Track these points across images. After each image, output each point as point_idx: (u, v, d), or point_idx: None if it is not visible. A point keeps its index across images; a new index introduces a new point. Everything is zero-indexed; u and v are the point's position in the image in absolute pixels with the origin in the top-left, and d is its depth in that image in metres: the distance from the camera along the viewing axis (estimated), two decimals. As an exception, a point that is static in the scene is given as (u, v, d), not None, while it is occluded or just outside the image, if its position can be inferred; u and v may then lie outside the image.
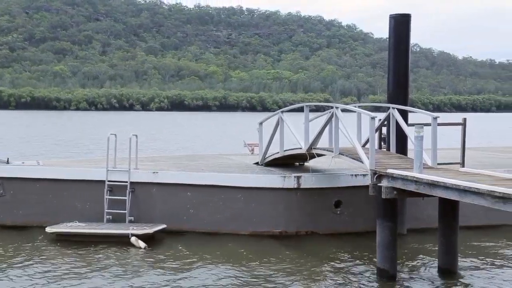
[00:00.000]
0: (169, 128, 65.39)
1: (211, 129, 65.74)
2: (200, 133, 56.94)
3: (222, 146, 38.87)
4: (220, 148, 35.55)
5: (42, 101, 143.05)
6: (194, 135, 52.64)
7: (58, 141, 42.76)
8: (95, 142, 41.15)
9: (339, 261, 11.47)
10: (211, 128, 66.84)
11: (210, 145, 40.04)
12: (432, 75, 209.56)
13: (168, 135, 52.84)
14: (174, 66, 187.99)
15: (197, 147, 38.62)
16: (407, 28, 13.81)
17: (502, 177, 9.81)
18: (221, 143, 42.19)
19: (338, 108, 12.40)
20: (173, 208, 13.72)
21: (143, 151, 29.13)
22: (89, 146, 38.29)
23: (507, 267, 11.19)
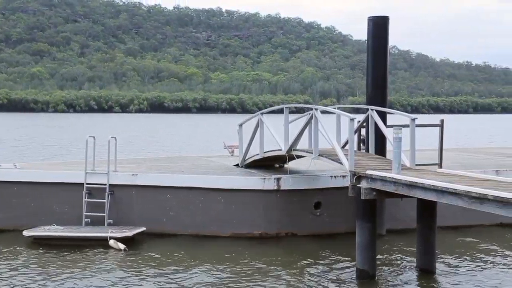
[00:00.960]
0: (149, 130, 65.03)
1: (191, 131, 65.54)
2: (180, 135, 56.73)
3: (202, 148, 38.78)
4: (200, 150, 35.47)
5: (19, 103, 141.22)
6: (174, 137, 52.43)
7: (35, 144, 42.25)
8: (73, 144, 40.76)
9: (319, 262, 11.51)
10: (191, 130, 66.62)
11: (190, 147, 39.92)
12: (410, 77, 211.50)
13: (147, 137, 52.54)
14: (154, 67, 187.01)
15: (177, 149, 38.49)
16: (385, 30, 13.93)
17: (479, 178, 9.95)
18: (201, 145, 42.09)
19: (318, 110, 12.45)
20: (153, 211, 13.64)
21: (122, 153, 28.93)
22: (67, 149, 37.90)
23: (484, 266, 11.34)
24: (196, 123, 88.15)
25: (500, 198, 7.86)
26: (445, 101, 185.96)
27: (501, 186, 8.83)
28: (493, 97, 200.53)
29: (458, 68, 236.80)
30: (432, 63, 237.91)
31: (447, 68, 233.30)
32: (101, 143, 15.68)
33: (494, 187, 8.64)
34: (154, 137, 52.73)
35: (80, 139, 35.37)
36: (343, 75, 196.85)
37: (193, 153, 30.73)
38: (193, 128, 73.14)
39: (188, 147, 39.84)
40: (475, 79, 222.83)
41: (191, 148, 39.10)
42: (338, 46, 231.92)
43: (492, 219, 14.15)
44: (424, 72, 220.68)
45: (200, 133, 60.87)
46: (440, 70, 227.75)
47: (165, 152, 34.06)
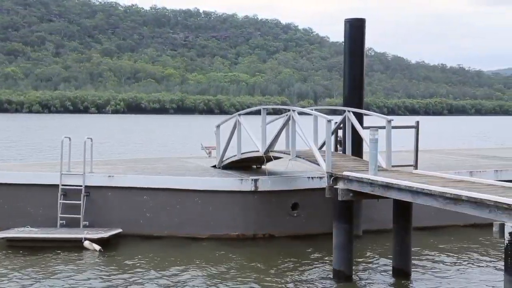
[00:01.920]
0: (126, 131, 64.54)
1: (168, 132, 65.22)
2: (157, 136, 56.41)
3: (179, 149, 38.63)
4: (177, 151, 35.33)
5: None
6: (151, 138, 52.12)
7: (9, 145, 41.62)
8: (48, 145, 40.24)
9: (296, 263, 11.54)
10: (168, 131, 66.30)
11: (167, 148, 39.72)
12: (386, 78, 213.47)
13: (124, 138, 52.14)
14: (130, 68, 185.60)
15: (154, 150, 38.26)
16: (361, 32, 14.04)
17: (453, 179, 10.09)
18: (178, 146, 41.92)
19: (295, 111, 12.49)
20: (130, 212, 13.55)
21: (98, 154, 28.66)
22: (42, 150, 37.42)
23: (458, 267, 11.49)
24: (173, 124, 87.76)
25: (474, 199, 7.98)
26: (420, 103, 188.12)
27: (474, 187, 8.96)
28: (467, 99, 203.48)
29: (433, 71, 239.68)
30: (407, 66, 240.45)
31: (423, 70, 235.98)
32: (77, 144, 15.51)
33: (468, 188, 8.76)
34: (130, 138, 52.34)
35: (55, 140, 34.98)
36: (320, 77, 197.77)
37: (170, 154, 30.58)
38: (170, 129, 72.79)
39: (165, 148, 39.64)
40: (450, 81, 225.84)
41: (168, 149, 38.91)
42: (316, 47, 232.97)
43: (466, 220, 14.35)
44: (400, 74, 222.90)
45: (177, 134, 60.61)
46: (416, 72, 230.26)
47: (141, 153, 33.84)
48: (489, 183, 9.43)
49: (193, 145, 38.80)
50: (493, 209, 7.67)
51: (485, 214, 7.85)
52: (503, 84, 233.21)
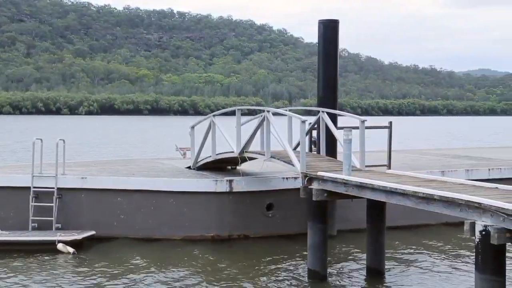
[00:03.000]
0: (99, 133, 63.88)
1: (142, 133, 64.76)
2: (131, 137, 55.97)
3: (153, 150, 38.39)
4: (151, 153, 35.11)
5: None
6: (125, 140, 51.68)
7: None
8: (20, 147, 39.61)
9: (271, 264, 11.57)
10: (142, 132, 65.82)
11: (141, 150, 39.45)
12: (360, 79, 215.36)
13: (98, 139, 51.61)
14: (104, 69, 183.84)
15: (128, 151, 37.95)
16: (335, 33, 14.13)
17: (426, 179, 10.22)
18: (152, 148, 41.65)
19: (270, 112, 12.51)
20: (103, 214, 13.41)
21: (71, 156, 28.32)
22: (13, 152, 36.81)
23: (431, 266, 11.64)
24: (147, 125, 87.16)
25: (445, 198, 8.09)
26: (393, 104, 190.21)
27: (446, 186, 9.08)
28: (439, 99, 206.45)
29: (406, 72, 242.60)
30: (381, 66, 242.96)
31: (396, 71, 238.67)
32: (49, 146, 15.30)
33: (440, 187, 8.88)
34: (104, 139, 51.83)
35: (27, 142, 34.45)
36: (295, 78, 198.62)
37: (144, 155, 30.38)
38: (144, 130, 72.29)
39: (139, 150, 39.35)
40: (422, 82, 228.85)
41: (142, 150, 38.64)
42: (290, 48, 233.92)
43: (438, 219, 14.54)
44: (373, 75, 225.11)
45: (151, 135, 60.22)
46: (389, 73, 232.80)
47: (115, 155, 33.54)
48: (460, 183, 9.57)
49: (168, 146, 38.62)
50: (464, 208, 7.78)
51: (457, 213, 7.96)
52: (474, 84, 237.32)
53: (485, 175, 15.32)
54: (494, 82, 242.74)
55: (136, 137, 56.41)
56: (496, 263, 7.33)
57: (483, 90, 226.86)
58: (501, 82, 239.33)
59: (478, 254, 7.41)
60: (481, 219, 7.48)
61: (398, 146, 27.17)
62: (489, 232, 7.22)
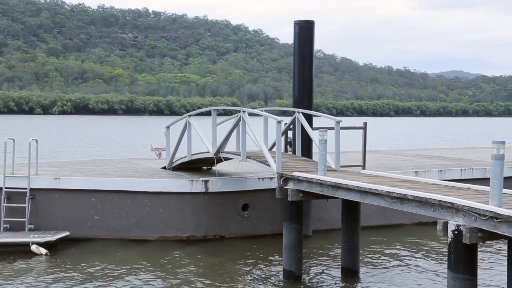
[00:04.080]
0: (73, 133, 63.15)
1: (117, 133, 64.20)
2: (106, 137, 55.45)
3: (128, 150, 38.08)
4: (126, 153, 34.82)
5: None
6: (99, 140, 51.19)
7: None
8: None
9: (246, 264, 11.57)
10: (116, 133, 65.26)
11: (116, 150, 39.09)
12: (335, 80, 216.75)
13: (71, 139, 51.01)
14: (78, 68, 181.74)
15: (102, 151, 37.59)
16: (311, 34, 14.20)
17: (400, 179, 10.34)
18: (127, 148, 41.32)
19: (245, 112, 12.52)
20: (77, 215, 13.27)
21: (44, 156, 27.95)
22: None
23: (405, 265, 11.77)
24: (122, 125, 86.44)
25: (419, 198, 8.19)
26: (368, 104, 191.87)
27: (420, 186, 9.20)
28: (413, 100, 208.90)
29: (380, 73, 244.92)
30: (356, 67, 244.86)
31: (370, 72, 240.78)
32: (22, 146, 15.08)
33: (414, 187, 8.99)
34: (77, 139, 51.25)
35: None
36: (270, 78, 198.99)
37: (118, 155, 30.11)
38: (118, 130, 71.67)
39: (114, 150, 39.00)
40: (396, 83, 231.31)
41: (116, 151, 38.29)
42: (266, 49, 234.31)
43: (412, 219, 14.74)
44: (348, 76, 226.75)
45: (126, 135, 59.74)
46: (364, 74, 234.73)
47: (89, 155, 33.19)
48: (433, 183, 9.70)
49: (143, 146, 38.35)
50: (437, 207, 7.89)
51: (430, 212, 8.07)
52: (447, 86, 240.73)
53: (457, 175, 15.56)
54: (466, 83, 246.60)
55: (110, 137, 55.90)
56: (468, 262, 7.45)
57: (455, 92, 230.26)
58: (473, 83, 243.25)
59: (451, 253, 7.52)
60: (453, 218, 7.59)
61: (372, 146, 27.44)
62: (461, 232, 7.33)
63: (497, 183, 7.21)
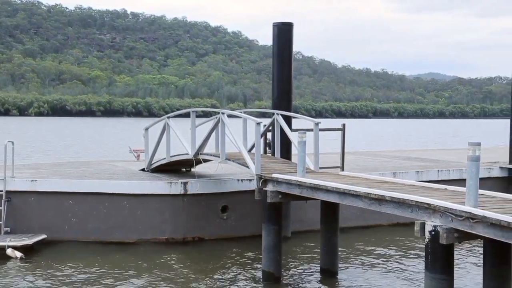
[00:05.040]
0: (50, 134, 62.41)
1: (95, 135, 63.62)
2: (83, 139, 54.91)
3: (106, 152, 37.77)
4: (104, 155, 34.54)
5: None
6: (77, 141, 50.66)
7: None
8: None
9: (225, 266, 11.56)
10: (95, 134, 64.66)
11: (94, 152, 38.74)
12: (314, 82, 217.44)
13: (48, 141, 50.41)
14: (55, 69, 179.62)
15: (80, 153, 37.22)
16: (289, 36, 14.25)
17: (378, 180, 10.42)
18: (105, 150, 40.97)
19: (225, 114, 12.52)
20: (54, 218, 13.13)
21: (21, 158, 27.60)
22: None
23: (383, 265, 11.87)
24: (100, 127, 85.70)
25: (397, 199, 8.27)
26: (346, 106, 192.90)
27: (397, 187, 9.29)
28: (391, 102, 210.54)
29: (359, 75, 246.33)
30: (334, 69, 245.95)
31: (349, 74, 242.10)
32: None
33: (392, 188, 9.07)
34: (55, 141, 50.67)
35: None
36: (249, 80, 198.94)
37: (97, 157, 29.85)
38: (97, 132, 71.04)
39: (92, 152, 38.64)
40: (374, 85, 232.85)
41: (94, 152, 37.95)
42: (245, 51, 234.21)
43: (390, 219, 14.87)
44: (327, 77, 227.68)
45: (104, 137, 59.24)
46: (342, 76, 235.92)
47: (67, 157, 32.85)
48: (411, 184, 9.80)
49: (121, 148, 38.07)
50: (415, 208, 7.98)
51: (407, 213, 8.15)
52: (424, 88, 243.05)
53: (434, 176, 15.75)
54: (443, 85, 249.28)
55: (88, 139, 55.37)
56: (445, 262, 7.54)
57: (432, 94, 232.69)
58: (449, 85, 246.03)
59: (428, 254, 7.60)
60: (430, 219, 7.68)
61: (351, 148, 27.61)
62: (438, 232, 7.41)
63: (473, 184, 7.32)
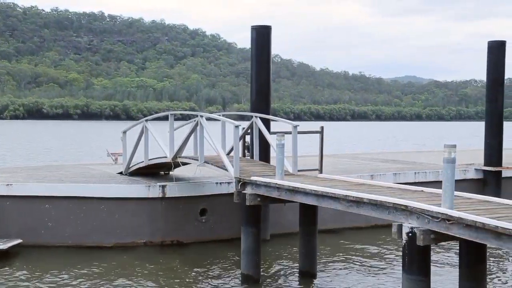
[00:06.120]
0: (26, 138, 61.58)
1: (72, 138, 62.96)
2: (60, 142, 54.30)
3: (83, 155, 37.41)
4: (81, 158, 34.21)
5: None
6: (54, 145, 50.08)
7: None
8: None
9: (204, 269, 11.52)
10: (72, 137, 63.99)
11: (71, 155, 38.34)
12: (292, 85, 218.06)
13: (24, 145, 49.73)
14: (31, 72, 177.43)
15: (57, 157, 36.80)
16: (268, 39, 14.28)
17: (356, 182, 10.49)
18: (82, 153, 40.58)
19: (203, 117, 12.49)
20: (30, 222, 12.96)
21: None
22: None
23: (361, 266, 11.94)
24: (77, 130, 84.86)
25: (374, 201, 8.33)
26: (325, 109, 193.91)
27: (375, 189, 9.36)
28: (369, 105, 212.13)
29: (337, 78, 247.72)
30: (312, 72, 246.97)
31: (327, 77, 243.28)
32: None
33: (369, 190, 9.14)
34: (30, 145, 50.02)
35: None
36: (228, 83, 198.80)
37: (74, 161, 29.54)
38: (74, 135, 70.31)
39: (69, 156, 38.23)
40: (352, 88, 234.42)
41: (71, 156, 37.56)
42: (223, 53, 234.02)
43: (368, 221, 14.96)
44: (305, 80, 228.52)
45: (81, 140, 58.66)
46: (320, 79, 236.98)
47: (43, 161, 32.45)
48: (388, 186, 9.89)
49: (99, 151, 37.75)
50: (392, 210, 8.05)
51: (385, 215, 8.22)
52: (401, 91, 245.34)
53: (411, 178, 15.90)
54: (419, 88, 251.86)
55: (65, 142, 54.77)
56: (421, 264, 7.62)
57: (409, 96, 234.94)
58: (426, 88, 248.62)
59: (405, 255, 7.67)
60: (407, 221, 7.75)
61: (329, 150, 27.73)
62: (415, 234, 7.49)
63: (449, 186, 7.41)
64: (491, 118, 17.55)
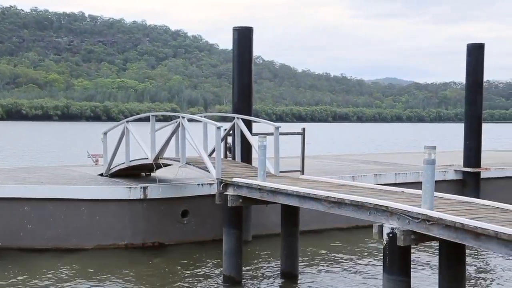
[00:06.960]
0: (5, 139, 60.82)
1: (52, 139, 62.34)
2: (40, 144, 53.73)
3: (64, 157, 37.07)
4: (61, 160, 33.89)
5: None
6: (33, 146, 49.53)
7: None
8: None
9: (186, 271, 11.49)
10: (51, 139, 63.35)
11: (51, 157, 37.96)
12: (274, 86, 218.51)
13: (2, 146, 49.12)
14: (10, 73, 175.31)
15: (37, 158, 36.41)
16: (249, 40, 14.29)
17: (337, 183, 10.55)
18: (62, 155, 40.20)
19: (185, 118, 12.45)
20: (9, 225, 12.79)
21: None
22: None
23: (343, 267, 12.00)
24: (57, 132, 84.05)
25: (355, 202, 8.39)
26: (306, 110, 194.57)
27: (356, 190, 9.42)
28: (350, 106, 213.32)
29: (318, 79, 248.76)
30: (294, 74, 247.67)
31: (308, 78, 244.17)
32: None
33: (351, 191, 9.20)
34: (9, 146, 49.42)
35: None
36: (210, 84, 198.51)
37: (54, 162, 29.26)
38: (53, 136, 69.62)
39: (48, 157, 37.85)
40: (334, 89, 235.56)
41: (51, 157, 37.19)
42: (205, 55, 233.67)
43: (349, 222, 15.04)
44: (287, 82, 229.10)
45: (61, 142, 58.11)
46: (302, 80, 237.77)
47: (22, 162, 32.08)
48: (369, 187, 9.95)
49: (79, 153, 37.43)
50: (373, 211, 8.11)
51: (366, 216, 8.28)
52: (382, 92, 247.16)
53: (392, 179, 16.03)
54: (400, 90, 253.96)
55: (45, 143, 54.21)
56: (402, 264, 7.69)
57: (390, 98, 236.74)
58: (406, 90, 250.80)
59: (386, 256, 7.73)
60: (388, 222, 7.82)
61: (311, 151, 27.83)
62: (395, 234, 7.55)
63: (429, 187, 7.49)
64: (470, 120, 17.75)
